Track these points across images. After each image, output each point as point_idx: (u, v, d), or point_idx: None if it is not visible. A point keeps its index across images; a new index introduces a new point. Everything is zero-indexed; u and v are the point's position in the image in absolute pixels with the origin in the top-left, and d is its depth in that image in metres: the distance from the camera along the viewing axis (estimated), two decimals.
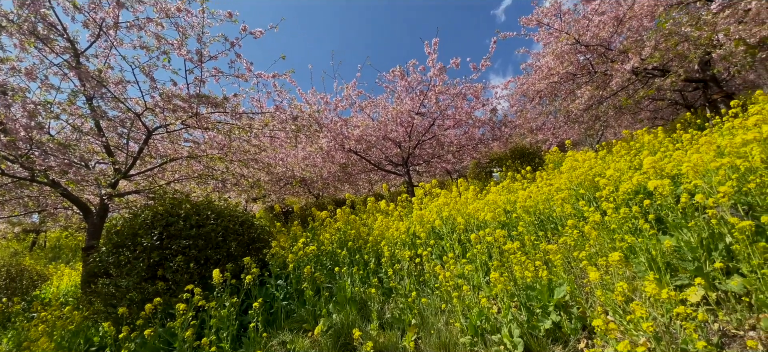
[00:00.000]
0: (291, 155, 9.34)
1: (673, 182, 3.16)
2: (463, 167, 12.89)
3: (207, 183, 7.13)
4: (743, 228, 2.07)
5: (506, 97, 10.70)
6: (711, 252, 2.38)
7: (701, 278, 2.21)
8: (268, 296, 3.60)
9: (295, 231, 4.80)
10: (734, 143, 2.76)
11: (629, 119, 11.42)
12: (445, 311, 2.95)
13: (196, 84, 5.80)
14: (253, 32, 5.82)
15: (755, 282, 2.08)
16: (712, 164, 2.68)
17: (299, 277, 3.65)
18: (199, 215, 4.08)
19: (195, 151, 6.90)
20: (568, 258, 3.00)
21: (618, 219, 2.75)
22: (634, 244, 2.59)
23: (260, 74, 6.58)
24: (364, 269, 3.90)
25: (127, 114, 6.03)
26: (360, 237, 4.45)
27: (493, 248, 3.30)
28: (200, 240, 3.82)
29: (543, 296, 2.62)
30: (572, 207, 3.53)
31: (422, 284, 3.45)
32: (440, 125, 10.20)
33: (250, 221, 4.41)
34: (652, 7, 6.77)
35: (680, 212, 2.55)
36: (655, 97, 9.19)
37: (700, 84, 7.60)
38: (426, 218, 4.45)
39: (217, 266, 3.77)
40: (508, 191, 4.96)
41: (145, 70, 5.57)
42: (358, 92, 9.53)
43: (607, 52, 7.59)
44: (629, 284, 2.46)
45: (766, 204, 2.44)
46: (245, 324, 3.22)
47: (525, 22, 8.27)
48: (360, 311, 3.25)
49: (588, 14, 7.46)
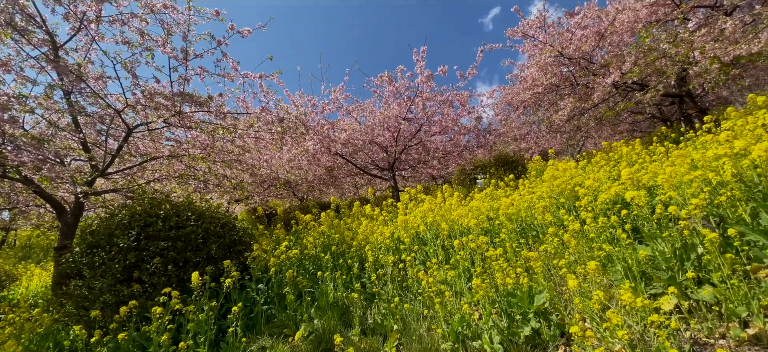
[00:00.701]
0: (276, 157, 9.25)
1: (650, 193, 3.26)
2: (448, 173, 13.01)
3: (188, 183, 6.98)
4: (713, 239, 2.15)
5: (491, 105, 10.90)
6: (684, 262, 2.46)
7: (674, 287, 2.28)
8: (248, 300, 3.54)
9: (278, 234, 4.74)
10: (707, 157, 2.88)
11: (609, 131, 11.76)
12: (428, 316, 2.95)
13: (180, 82, 5.69)
14: (241, 31, 5.76)
15: (725, 292, 2.16)
16: (686, 177, 2.78)
17: (281, 281, 3.60)
18: (179, 216, 3.99)
19: (177, 151, 6.76)
20: (549, 265, 3.06)
21: (596, 228, 2.82)
22: (612, 253, 2.66)
23: (247, 74, 6.51)
24: (347, 274, 3.88)
25: (107, 110, 5.86)
26: (344, 241, 4.43)
27: (475, 254, 3.33)
28: (179, 242, 3.73)
29: (523, 302, 2.65)
30: (553, 216, 3.60)
31: (405, 290, 3.45)
32: (427, 131, 10.28)
33: (231, 223, 4.33)
34: (632, 23, 7.01)
35: (655, 222, 2.63)
36: (634, 111, 9.50)
37: (676, 99, 7.90)
38: (410, 223, 4.47)
39: (197, 268, 3.68)
40: (492, 198, 5.03)
41: (127, 66, 5.43)
42: (345, 96, 9.54)
43: (590, 65, 7.81)
44: (606, 292, 2.52)
45: (736, 217, 2.54)
46: (224, 329, 3.16)
47: (511, 33, 8.46)
48: (342, 317, 3.22)
49: (571, 28, 7.68)
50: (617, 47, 7.43)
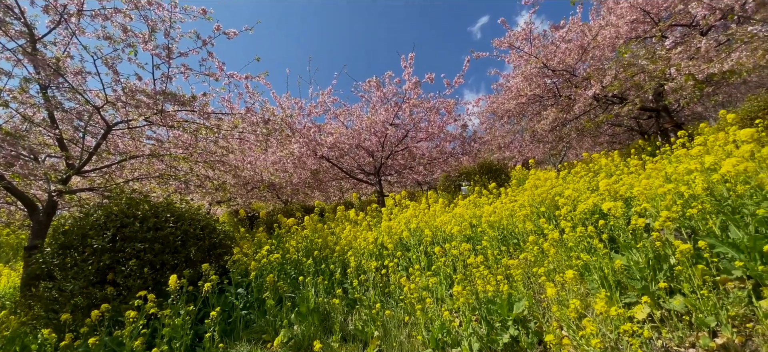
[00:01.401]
0: (260, 159, 9.14)
1: (626, 204, 3.35)
2: (433, 179, 13.09)
3: (169, 184, 6.83)
4: (685, 251, 2.22)
5: (477, 113, 11.06)
6: (657, 272, 2.53)
7: (647, 296, 2.35)
8: (227, 304, 3.47)
9: (259, 238, 4.68)
10: (679, 171, 2.97)
11: (590, 142, 12.07)
12: (408, 323, 2.96)
13: (163, 80, 5.57)
14: (227, 32, 5.69)
15: (695, 302, 2.23)
16: (660, 189, 2.87)
17: (261, 286, 3.55)
18: (157, 217, 3.89)
19: (158, 150, 6.60)
20: (528, 273, 3.10)
21: (575, 237, 2.88)
22: (589, 262, 2.72)
23: (232, 75, 6.42)
24: (329, 280, 3.85)
25: (86, 106, 5.69)
26: (327, 246, 4.40)
27: (458, 261, 3.35)
28: (157, 244, 3.63)
29: (503, 310, 2.68)
30: (533, 224, 3.66)
31: (387, 296, 3.45)
32: (413, 137, 10.34)
33: (211, 225, 4.25)
34: (613, 38, 7.23)
35: (631, 233, 2.70)
36: (614, 123, 9.78)
37: (653, 113, 8.17)
38: (394, 229, 4.47)
39: (175, 271, 3.60)
40: (475, 205, 5.08)
41: (107, 62, 5.29)
42: (333, 99, 9.52)
43: (572, 77, 8.01)
44: (583, 300, 2.57)
45: (707, 229, 2.63)
46: (201, 334, 3.09)
47: (497, 44, 8.62)
48: (323, 323, 3.19)
49: (556, 41, 7.87)
50: (599, 61, 7.66)
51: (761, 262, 2.25)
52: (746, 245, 2.34)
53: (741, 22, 5.61)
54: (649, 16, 7.19)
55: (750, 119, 5.06)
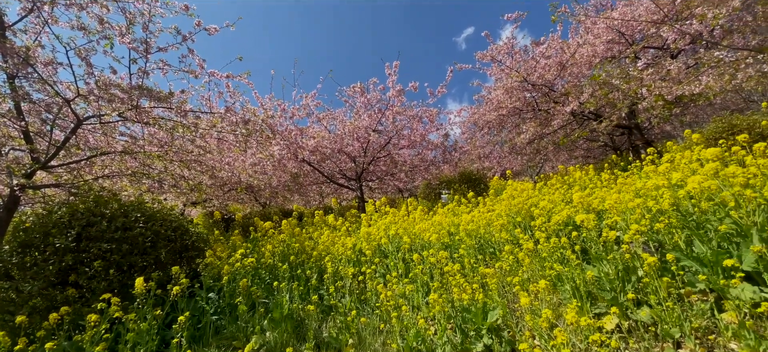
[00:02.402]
0: (239, 160, 8.95)
1: (598, 216, 3.45)
2: (414, 187, 13.16)
3: (141, 182, 6.59)
4: (652, 263, 2.29)
5: (459, 123, 11.23)
6: (625, 284, 2.60)
7: (616, 307, 2.41)
8: (197, 309, 3.36)
9: (234, 241, 4.56)
10: (648, 186, 3.08)
11: (566, 156, 12.42)
12: (384, 331, 2.93)
13: (139, 75, 5.39)
14: (208, 28, 5.57)
15: (661, 313, 2.30)
16: (630, 204, 2.97)
17: (234, 290, 3.45)
18: (126, 216, 3.74)
19: (131, 147, 6.37)
20: (503, 282, 3.13)
21: (549, 248, 2.93)
22: (562, 273, 2.77)
23: (213, 73, 6.28)
24: (305, 286, 3.78)
25: (55, 99, 5.44)
26: (304, 251, 4.33)
27: (435, 269, 3.36)
28: (125, 244, 3.49)
29: (477, 318, 2.70)
30: (509, 234, 3.71)
31: (363, 303, 3.42)
32: (395, 144, 10.38)
33: (184, 226, 4.11)
34: (590, 57, 7.50)
35: (602, 245, 2.77)
36: (589, 138, 10.11)
37: (626, 130, 8.49)
38: (373, 235, 4.45)
39: (143, 273, 3.46)
40: (454, 213, 5.12)
41: (81, 54, 5.08)
42: (316, 103, 9.47)
43: (551, 93, 8.25)
44: (555, 310, 2.62)
45: (673, 243, 2.73)
46: (168, 340, 2.97)
47: (480, 56, 8.80)
48: (296, 330, 3.13)
49: (536, 56, 8.09)
50: (577, 78, 7.91)
51: (723, 276, 2.34)
52: (709, 259, 2.43)
53: (709, 47, 5.93)
54: (624, 37, 7.50)
55: (714, 139, 5.33)
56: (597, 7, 8.38)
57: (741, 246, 2.48)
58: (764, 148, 3.14)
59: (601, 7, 8.39)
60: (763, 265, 2.23)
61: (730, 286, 2.20)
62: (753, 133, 5.20)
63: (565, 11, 6.75)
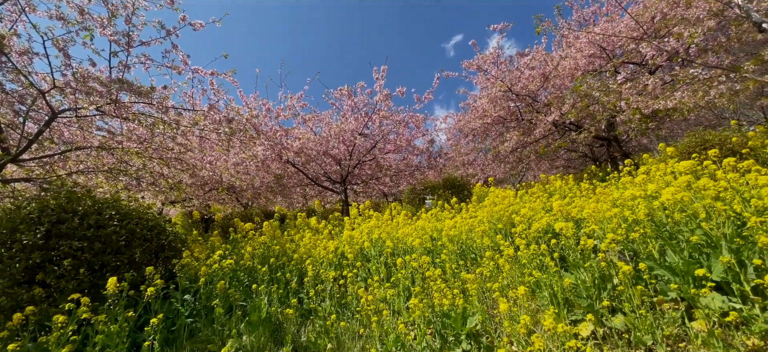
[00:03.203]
0: (221, 159, 8.80)
1: (577, 225, 3.51)
2: (399, 191, 13.20)
3: (118, 179, 6.39)
4: (627, 272, 2.34)
5: (444, 130, 11.35)
6: (601, 291, 2.65)
7: (592, 314, 2.45)
8: (171, 311, 3.25)
9: (213, 242, 4.45)
10: (625, 197, 3.16)
11: (547, 165, 12.70)
12: (363, 335, 2.91)
13: (120, 69, 5.25)
14: (193, 24, 5.48)
15: (634, 321, 2.35)
16: (607, 213, 3.04)
17: (211, 292, 3.36)
18: (100, 213, 3.61)
19: (108, 142, 6.18)
20: (483, 288, 3.16)
21: (528, 255, 2.97)
22: (540, 279, 2.81)
23: (197, 70, 6.17)
24: (284, 289, 3.72)
25: (30, 89, 5.24)
26: (285, 254, 4.27)
27: (417, 274, 3.36)
28: (97, 243, 3.36)
29: (457, 324, 2.70)
30: (491, 240, 3.75)
31: (343, 307, 3.38)
32: (381, 149, 10.40)
33: (161, 225, 3.99)
34: (572, 69, 7.70)
35: (579, 253, 2.82)
36: (570, 149, 10.36)
37: (605, 142, 8.73)
38: (356, 238, 4.42)
39: (116, 273, 3.34)
40: (437, 218, 5.14)
41: (58, 44, 4.92)
42: (303, 104, 9.41)
43: (534, 103, 8.43)
44: (533, 316, 2.65)
45: (647, 253, 2.80)
46: (139, 342, 2.87)
47: (467, 65, 8.95)
48: (274, 334, 3.07)
49: (521, 67, 8.27)
50: (559, 90, 8.12)
51: (694, 285, 2.42)
52: (681, 269, 2.51)
53: (684, 64, 6.16)
54: (605, 52, 7.73)
55: (688, 153, 5.52)
56: (580, 22, 8.63)
57: (711, 257, 2.56)
58: (734, 163, 3.27)
59: (584, 22, 8.63)
60: (732, 275, 2.31)
61: (700, 295, 2.27)
62: (724, 149, 5.41)
63: (549, 25, 6.94)
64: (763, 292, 2.20)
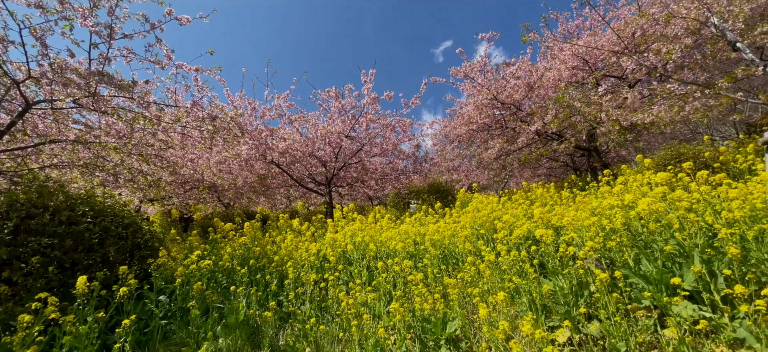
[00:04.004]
0: (203, 158, 8.62)
1: (556, 232, 3.57)
2: (384, 195, 13.20)
3: (94, 175, 6.19)
4: (603, 280, 2.39)
5: (431, 135, 11.44)
6: (578, 298, 2.70)
7: (569, 320, 2.48)
8: (145, 312, 3.15)
9: (192, 241, 4.35)
10: (603, 206, 3.24)
11: (530, 173, 12.93)
12: (343, 339, 2.88)
13: (100, 61, 5.09)
14: (179, 18, 5.37)
15: (609, 328, 2.40)
16: (586, 222, 3.10)
17: (187, 294, 3.27)
18: (73, 210, 3.48)
19: (85, 136, 5.98)
20: (464, 293, 3.17)
21: (509, 261, 3.00)
22: (520, 285, 2.84)
23: (181, 65, 6.04)
24: (264, 291, 3.66)
25: (3, 79, 5.03)
26: (266, 255, 4.20)
27: (399, 278, 3.35)
28: (69, 240, 3.24)
29: (437, 328, 2.71)
30: (473, 246, 3.78)
31: (324, 311, 3.34)
32: (367, 152, 10.39)
33: (137, 223, 3.88)
34: (556, 81, 7.88)
35: (558, 260, 2.87)
36: (551, 158, 10.58)
37: (586, 152, 8.95)
38: (339, 241, 4.39)
39: (87, 272, 3.23)
40: (421, 223, 5.16)
41: (36, 33, 4.74)
42: (289, 104, 9.32)
43: (518, 112, 8.58)
44: (511, 322, 2.67)
45: (623, 261, 2.87)
46: (109, 345, 2.77)
47: (454, 72, 9.06)
48: (251, 337, 3.01)
49: (506, 76, 8.42)
50: (543, 100, 8.29)
51: (666, 294, 2.48)
52: (655, 278, 2.57)
53: (662, 79, 6.36)
54: (587, 64, 7.93)
55: (664, 165, 5.71)
56: (564, 35, 8.84)
57: (684, 266, 2.64)
58: (706, 176, 3.38)
59: (568, 34, 8.85)
60: (703, 285, 2.38)
61: (672, 303, 2.33)
62: (697, 162, 5.62)
63: (535, 36, 7.09)
64: (732, 301, 2.27)
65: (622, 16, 7.56)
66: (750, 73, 4.38)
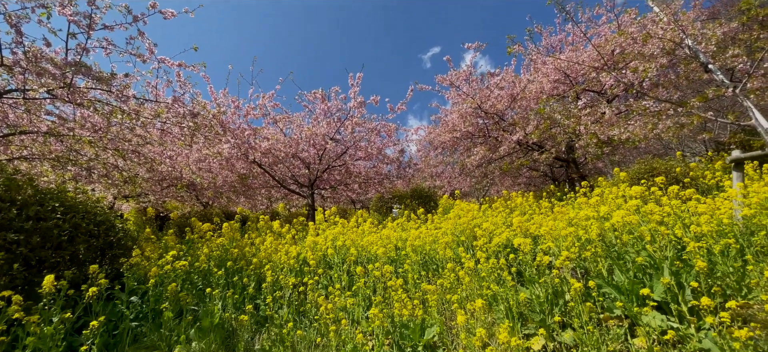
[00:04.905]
0: (182, 155, 8.41)
1: (534, 241, 3.64)
2: (367, 199, 13.19)
3: (66, 168, 5.96)
4: (578, 289, 2.45)
5: (415, 141, 11.52)
6: (553, 306, 2.76)
7: (544, 329, 2.54)
8: (114, 314, 3.04)
9: (167, 241, 4.23)
10: (580, 217, 3.32)
11: (510, 181, 13.18)
12: (320, 345, 2.85)
13: (77, 51, 4.92)
14: (164, 12, 5.25)
15: (582, 336, 2.45)
16: (563, 231, 3.17)
17: (160, 295, 3.18)
18: (42, 204, 3.34)
19: (58, 128, 5.76)
20: (443, 299, 3.19)
21: (488, 268, 3.04)
22: (498, 293, 2.88)
23: (163, 60, 5.88)
24: (241, 294, 3.59)
25: None
26: (244, 257, 4.12)
27: (379, 283, 3.35)
28: (36, 236, 3.10)
29: (415, 335, 2.71)
30: (453, 252, 3.81)
31: (302, 315, 3.31)
32: (352, 155, 10.37)
33: (110, 221, 3.75)
34: (538, 93, 8.08)
35: (535, 268, 2.93)
36: (532, 167, 10.81)
37: (564, 163, 9.19)
38: (320, 245, 4.36)
39: (55, 270, 3.10)
40: (402, 228, 5.17)
41: (11, 20, 4.54)
42: (274, 104, 9.22)
43: (501, 121, 8.76)
44: (488, 329, 2.70)
45: (597, 271, 2.95)
46: (76, 346, 2.66)
47: (440, 80, 9.19)
48: (226, 341, 2.94)
49: (491, 86, 8.59)
50: (525, 111, 8.49)
51: (637, 304, 2.56)
52: (626, 288, 2.65)
53: (638, 96, 6.60)
54: (568, 78, 8.16)
55: (638, 179, 5.92)
56: (548, 48, 9.08)
57: (654, 277, 2.73)
58: (677, 191, 3.52)
59: (552, 48, 9.10)
60: (671, 296, 2.47)
61: (642, 313, 2.40)
62: (669, 177, 5.84)
63: (520, 49, 7.26)
64: (698, 313, 2.36)
65: (603, 34, 7.83)
66: (720, 94, 4.58)
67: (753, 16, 4.23)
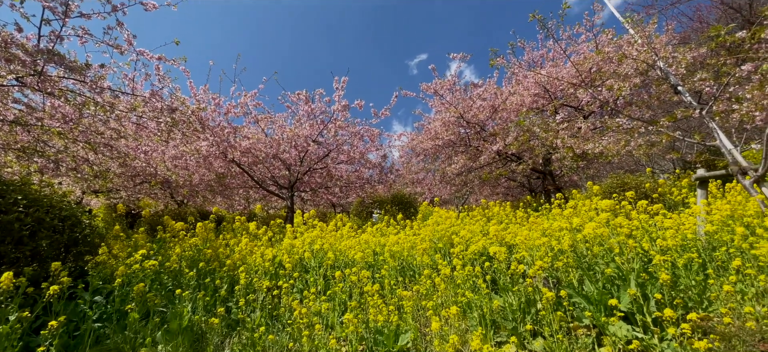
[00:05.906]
0: (158, 151, 8.16)
1: (510, 250, 3.71)
2: (348, 203, 13.14)
3: (32, 160, 5.68)
4: (549, 298, 2.50)
5: (398, 147, 11.58)
6: (526, 315, 2.81)
7: (515, 337, 2.57)
8: (76, 314, 2.91)
9: (137, 239, 4.09)
10: (554, 227, 3.40)
11: (489, 190, 13.41)
12: (293, 350, 2.80)
13: (51, 38, 4.72)
14: (145, 3, 5.10)
15: (552, 345, 2.50)
16: (537, 241, 3.24)
17: (127, 295, 3.06)
18: (3, 196, 3.17)
19: (25, 118, 5.50)
20: (419, 305, 3.20)
21: (464, 275, 3.07)
22: (472, 300, 2.91)
23: (142, 52, 5.70)
24: (212, 296, 3.50)
25: None
26: (217, 259, 4.02)
27: (355, 288, 3.33)
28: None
29: (389, 341, 2.70)
30: (430, 259, 3.83)
31: (275, 319, 3.25)
32: (334, 158, 10.33)
33: (76, 216, 3.59)
34: (519, 105, 8.28)
35: (510, 277, 2.98)
36: (510, 178, 11.04)
37: (541, 175, 9.42)
38: (297, 248, 4.30)
39: (14, 267, 2.94)
40: (382, 233, 5.17)
41: None
42: (256, 104, 9.08)
43: (482, 131, 8.92)
44: (462, 336, 2.73)
45: (568, 281, 3.02)
46: (33, 347, 2.52)
47: (424, 88, 9.31)
48: (195, 344, 2.85)
49: (473, 97, 8.75)
50: (505, 122, 8.68)
51: (605, 314, 2.64)
52: (595, 298, 2.73)
53: (613, 114, 6.84)
54: (548, 92, 8.40)
55: (609, 193, 6.14)
56: (529, 63, 9.33)
57: (621, 288, 2.82)
58: (646, 206, 3.66)
59: (533, 63, 9.35)
60: (637, 307, 2.56)
61: (609, 323, 2.48)
62: (639, 192, 6.08)
63: (503, 62, 7.42)
64: (661, 324, 2.45)
65: (582, 52, 8.09)
66: (688, 115, 4.81)
67: (721, 43, 4.46)
